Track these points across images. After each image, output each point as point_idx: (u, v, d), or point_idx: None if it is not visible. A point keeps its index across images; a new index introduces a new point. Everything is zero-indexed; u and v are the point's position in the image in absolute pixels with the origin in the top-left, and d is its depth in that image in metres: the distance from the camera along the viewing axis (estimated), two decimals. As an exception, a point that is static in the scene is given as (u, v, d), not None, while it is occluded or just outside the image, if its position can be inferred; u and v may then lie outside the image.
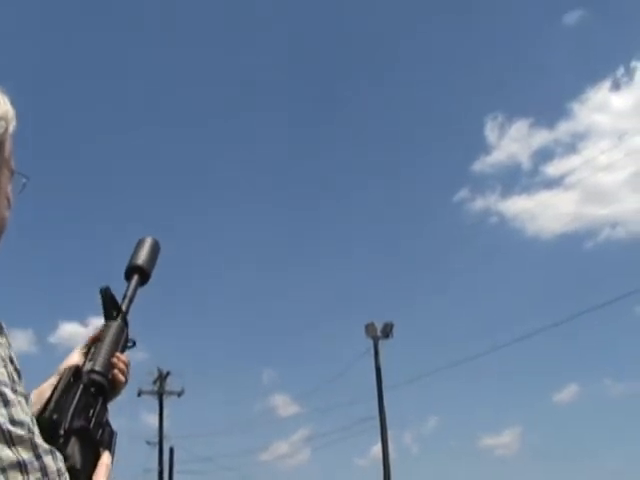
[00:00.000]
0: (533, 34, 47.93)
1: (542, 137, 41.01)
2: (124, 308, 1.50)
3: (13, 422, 0.98)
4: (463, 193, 42.75)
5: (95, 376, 1.32)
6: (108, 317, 1.48)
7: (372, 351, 25.80)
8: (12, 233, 1.30)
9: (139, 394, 33.04)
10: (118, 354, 1.42)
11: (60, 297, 44.47)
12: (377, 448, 25.28)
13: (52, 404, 1.18)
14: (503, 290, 40.94)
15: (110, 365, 1.38)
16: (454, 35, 47.44)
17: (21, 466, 0.97)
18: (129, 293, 1.54)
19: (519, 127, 42.74)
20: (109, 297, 1.47)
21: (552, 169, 37.51)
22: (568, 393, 42.29)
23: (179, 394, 33.49)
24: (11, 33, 41.33)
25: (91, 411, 1.25)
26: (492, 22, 46.82)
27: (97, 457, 1.22)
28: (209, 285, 44.99)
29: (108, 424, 1.29)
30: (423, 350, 37.02)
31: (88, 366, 1.34)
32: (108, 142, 45.61)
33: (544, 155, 39.86)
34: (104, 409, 1.30)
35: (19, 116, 1.25)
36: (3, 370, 1.03)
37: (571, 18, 47.63)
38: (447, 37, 47.53)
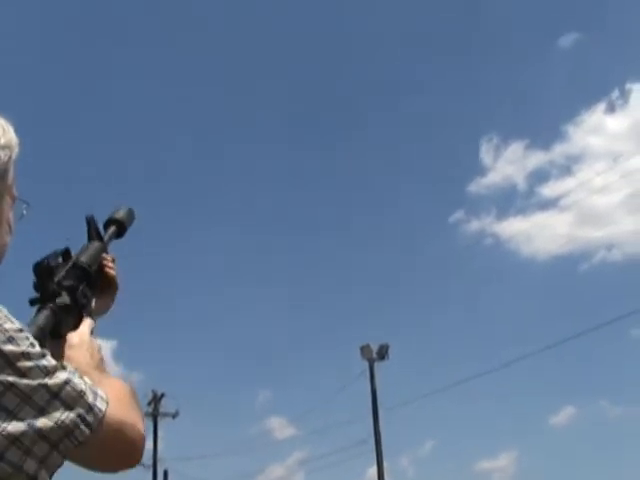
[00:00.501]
0: (528, 56, 48.33)
1: (537, 159, 41.27)
2: (105, 239, 1.71)
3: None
4: (459, 215, 42.93)
5: (82, 260, 1.53)
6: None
7: (368, 373, 25.79)
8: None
9: (133, 416, 32.91)
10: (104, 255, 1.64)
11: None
12: (373, 471, 25.18)
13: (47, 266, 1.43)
14: (498, 312, 40.92)
15: (97, 259, 1.59)
16: (449, 58, 47.79)
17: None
18: (107, 237, 1.73)
19: (514, 149, 43.15)
20: (94, 225, 1.66)
21: (547, 191, 37.70)
22: (564, 416, 42.18)
23: (174, 416, 33.35)
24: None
25: (79, 286, 1.47)
26: (487, 44, 47.29)
27: (80, 320, 1.44)
28: (204, 307, 44.82)
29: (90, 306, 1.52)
30: (419, 372, 36.95)
31: (75, 257, 1.54)
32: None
33: (539, 177, 40.10)
34: (89, 291, 1.51)
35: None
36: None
37: (566, 41, 48.10)
38: (443, 60, 47.97)
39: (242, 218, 45.93)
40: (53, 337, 1.37)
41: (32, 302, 1.40)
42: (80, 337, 1.39)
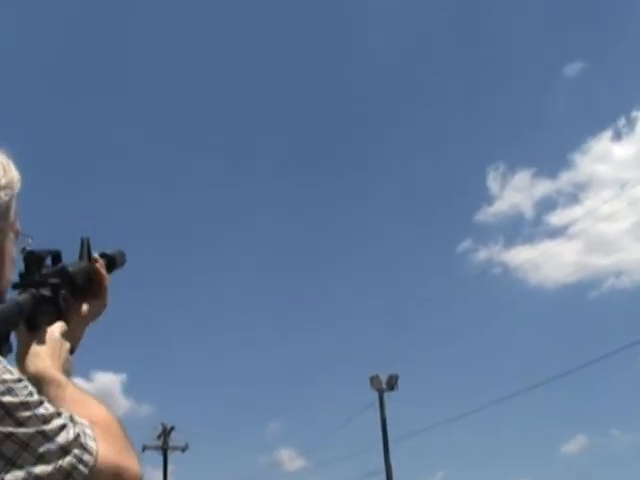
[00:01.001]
0: (534, 85, 48.84)
1: (544, 187, 41.44)
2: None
3: None
4: (467, 244, 43.05)
5: (70, 268, 1.52)
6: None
7: (377, 403, 25.70)
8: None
9: (143, 449, 32.72)
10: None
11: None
12: (384, 503, 24.95)
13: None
14: (508, 341, 40.85)
15: (83, 274, 1.57)
16: (457, 86, 48.19)
17: None
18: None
19: (521, 177, 43.23)
20: (88, 247, 1.66)
21: (555, 219, 37.81)
22: (576, 444, 41.86)
23: (183, 449, 33.18)
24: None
25: (62, 289, 1.47)
26: (494, 73, 47.68)
27: (56, 320, 1.44)
28: (213, 340, 44.87)
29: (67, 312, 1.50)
30: (429, 402, 36.77)
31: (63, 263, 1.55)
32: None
33: (547, 205, 40.25)
34: (70, 299, 1.49)
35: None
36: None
37: (572, 69, 48.59)
38: (449, 89, 48.35)
39: (247, 251, 46.08)
40: (28, 327, 1.39)
41: (15, 286, 1.42)
42: (50, 335, 1.39)
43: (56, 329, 1.42)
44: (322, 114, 48.17)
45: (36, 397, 1.15)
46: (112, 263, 1.76)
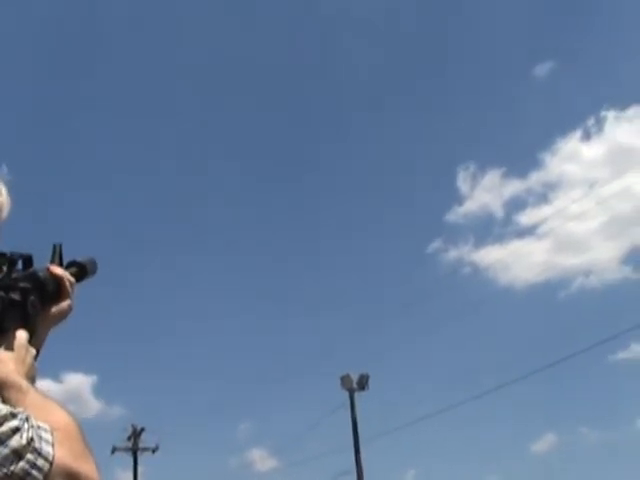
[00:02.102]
0: (504, 85, 49.25)
1: (514, 187, 41.93)
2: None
3: None
4: (437, 244, 43.36)
5: (41, 273, 1.52)
6: None
7: (348, 403, 25.76)
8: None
9: (113, 451, 32.52)
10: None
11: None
12: (355, 502, 25.02)
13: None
14: (477, 340, 41.20)
15: (54, 280, 1.55)
16: (426, 85, 48.48)
17: None
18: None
19: (491, 177, 43.81)
20: (59, 254, 1.65)
21: (524, 218, 38.27)
22: (545, 442, 42.35)
23: (154, 450, 33.00)
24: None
25: (31, 294, 1.46)
26: (463, 74, 48.05)
27: (25, 323, 1.42)
28: (183, 341, 44.64)
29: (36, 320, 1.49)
30: (399, 402, 36.94)
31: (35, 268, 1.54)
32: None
33: (516, 205, 40.73)
34: (39, 305, 1.48)
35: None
36: None
37: (541, 70, 49.18)
38: (419, 88, 48.62)
39: (221, 248, 45.91)
40: None
41: None
42: (19, 339, 1.38)
43: (24, 334, 1.39)
44: (289, 114, 48.15)
45: None
46: (83, 271, 1.75)
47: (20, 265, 1.50)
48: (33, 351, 1.41)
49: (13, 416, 1.11)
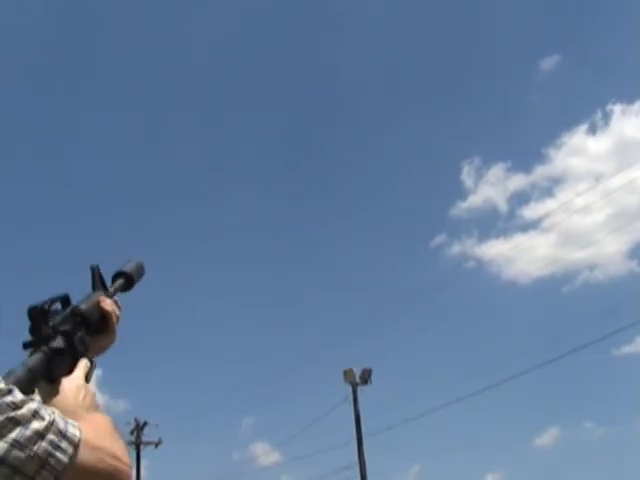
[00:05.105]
0: (510, 79, 49.11)
1: (519, 181, 41.79)
2: (111, 290, 1.67)
3: None
4: (441, 238, 43.26)
5: (81, 307, 1.50)
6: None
7: (351, 397, 25.69)
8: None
9: (116, 445, 32.44)
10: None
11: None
12: (358, 496, 24.96)
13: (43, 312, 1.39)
14: (481, 334, 41.10)
15: (96, 303, 1.55)
16: (432, 80, 48.29)
17: None
18: (112, 289, 1.70)
19: (496, 171, 43.61)
20: (98, 275, 1.64)
21: (529, 212, 38.11)
22: (549, 437, 42.27)
23: (157, 444, 33.06)
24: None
25: (76, 332, 1.44)
26: (469, 68, 47.88)
27: (75, 364, 1.41)
28: (188, 336, 44.63)
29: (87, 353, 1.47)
30: (402, 396, 36.91)
31: (75, 304, 1.51)
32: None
33: (521, 199, 40.58)
34: (87, 338, 1.48)
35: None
36: None
37: (548, 63, 48.93)
38: (425, 83, 48.44)
39: (224, 243, 45.90)
40: (47, 381, 1.35)
41: (25, 345, 1.38)
42: (74, 382, 1.37)
43: (81, 373, 1.40)
44: (294, 111, 48.02)
45: (2, 385, 1.11)
46: (130, 280, 1.72)
47: (59, 305, 1.47)
48: (92, 391, 1.39)
49: (32, 400, 1.12)
